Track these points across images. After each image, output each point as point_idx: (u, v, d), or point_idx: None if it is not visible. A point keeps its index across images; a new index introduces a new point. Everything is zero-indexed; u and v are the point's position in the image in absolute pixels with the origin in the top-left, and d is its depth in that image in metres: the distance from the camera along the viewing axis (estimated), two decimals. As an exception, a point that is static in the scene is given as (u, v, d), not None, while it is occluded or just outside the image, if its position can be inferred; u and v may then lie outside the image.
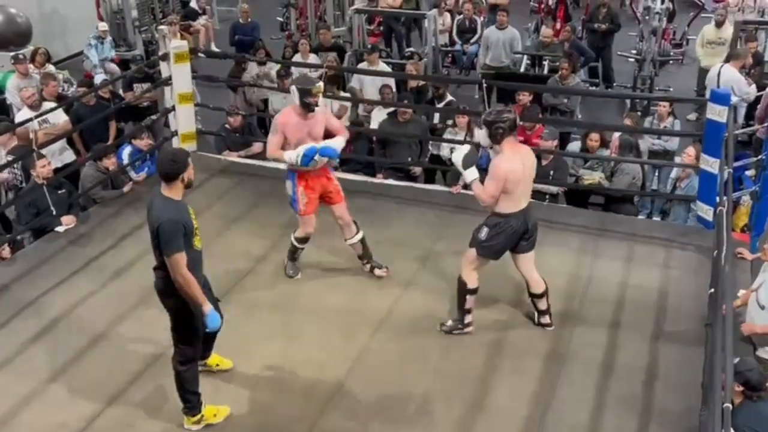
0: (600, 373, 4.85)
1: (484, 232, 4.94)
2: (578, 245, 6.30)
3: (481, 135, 5.03)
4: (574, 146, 7.77)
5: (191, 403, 4.35)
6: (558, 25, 11.87)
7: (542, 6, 12.74)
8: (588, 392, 4.69)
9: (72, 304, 5.53)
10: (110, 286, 5.74)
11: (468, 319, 5.20)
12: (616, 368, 4.90)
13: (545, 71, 10.32)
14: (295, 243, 5.81)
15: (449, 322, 5.27)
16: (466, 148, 5.02)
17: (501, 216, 4.88)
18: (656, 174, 7.77)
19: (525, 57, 10.77)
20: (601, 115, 10.08)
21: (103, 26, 10.89)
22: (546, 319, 5.29)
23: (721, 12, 10.26)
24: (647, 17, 10.83)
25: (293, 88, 5.36)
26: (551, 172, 7.03)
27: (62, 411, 4.53)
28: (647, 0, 11.07)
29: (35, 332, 5.22)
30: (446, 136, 7.72)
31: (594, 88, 10.64)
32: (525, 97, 8.00)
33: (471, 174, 4.86)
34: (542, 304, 5.25)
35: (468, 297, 5.12)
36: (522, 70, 10.60)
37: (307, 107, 5.34)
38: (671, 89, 10.78)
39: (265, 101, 9.02)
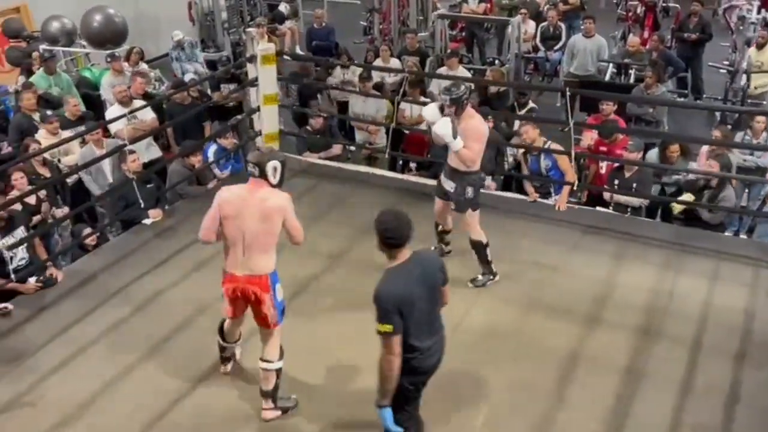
0: (678, 392, 4.70)
1: (470, 191, 5.50)
2: (661, 260, 6.12)
3: (430, 110, 5.35)
4: (652, 153, 7.53)
5: None
6: (645, 34, 11.59)
7: (630, 14, 12.43)
8: (665, 411, 4.55)
9: (155, 294, 5.74)
10: (192, 278, 5.92)
11: (495, 268, 5.78)
12: (696, 388, 4.74)
13: (631, 80, 10.08)
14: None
15: (479, 277, 5.78)
16: (448, 119, 5.26)
17: (476, 173, 5.50)
18: (746, 191, 7.47)
19: (610, 65, 10.55)
20: (688, 127, 9.79)
21: (177, 34, 11.17)
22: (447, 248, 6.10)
23: (763, 34, 9.75)
24: (741, 27, 10.44)
25: (274, 163, 4.27)
26: (634, 185, 6.86)
27: (142, 395, 4.71)
28: (742, 9, 10.68)
29: (120, 319, 5.45)
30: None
31: (682, 99, 10.31)
32: (608, 107, 7.79)
33: (459, 142, 5.28)
34: (447, 239, 6.10)
35: (487, 250, 5.72)
36: (607, 78, 10.39)
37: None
38: (765, 103, 10.31)
39: (345, 103, 9.12)
